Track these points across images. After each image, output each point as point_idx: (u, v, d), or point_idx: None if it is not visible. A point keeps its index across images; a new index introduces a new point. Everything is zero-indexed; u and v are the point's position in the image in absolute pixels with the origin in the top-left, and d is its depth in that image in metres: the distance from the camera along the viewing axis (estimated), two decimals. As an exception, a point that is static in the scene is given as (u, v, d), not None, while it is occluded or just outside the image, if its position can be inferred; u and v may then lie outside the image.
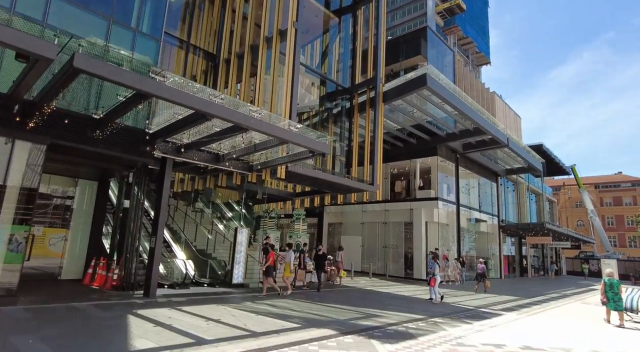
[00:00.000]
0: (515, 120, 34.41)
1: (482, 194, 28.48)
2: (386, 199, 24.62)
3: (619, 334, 8.57)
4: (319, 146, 10.40)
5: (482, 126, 20.15)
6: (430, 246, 22.30)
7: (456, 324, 8.59)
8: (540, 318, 10.33)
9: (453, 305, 11.99)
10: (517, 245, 33.83)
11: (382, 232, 24.52)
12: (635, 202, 67.04)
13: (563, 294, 18.35)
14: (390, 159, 24.84)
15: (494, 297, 15.13)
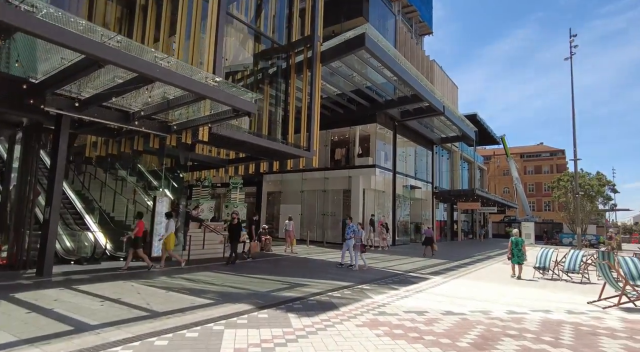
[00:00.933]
0: (453, 90, 35.27)
1: (418, 162, 29.15)
2: (326, 166, 24.25)
3: (527, 289, 8.92)
4: (243, 104, 9.36)
5: (420, 93, 20.07)
6: (367, 213, 22.48)
7: (383, 290, 8.38)
8: (465, 280, 10.55)
9: (383, 270, 11.96)
10: (449, 210, 35.63)
11: (322, 200, 24.26)
12: (552, 171, 73.70)
13: (488, 256, 19.45)
14: (331, 125, 24.26)
15: (424, 261, 15.52)
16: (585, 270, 11.29)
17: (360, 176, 22.39)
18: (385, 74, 18.93)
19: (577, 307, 7.28)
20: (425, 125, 28.07)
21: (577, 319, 6.32)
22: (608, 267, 7.42)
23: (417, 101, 21.38)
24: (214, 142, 12.77)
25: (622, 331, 5.71)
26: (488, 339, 5.04)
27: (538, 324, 5.91)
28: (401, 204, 26.97)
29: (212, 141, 12.26)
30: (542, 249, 11.96)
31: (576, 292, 8.96)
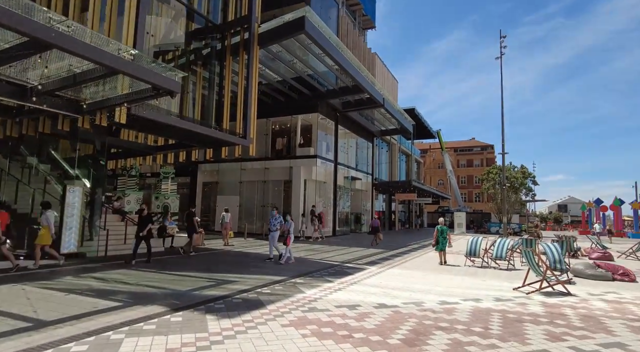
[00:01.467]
0: (393, 84, 35.97)
1: (359, 153, 29.38)
2: (266, 156, 23.45)
3: (459, 277, 9.07)
4: (164, 82, 8.35)
5: (361, 84, 19.98)
6: (309, 204, 22.13)
7: (316, 283, 7.97)
8: (400, 270, 10.51)
9: (320, 262, 11.61)
10: (387, 201, 36.55)
11: (261, 191, 23.47)
12: (483, 164, 78.94)
13: (422, 245, 20.03)
14: (272, 113, 23.47)
15: (362, 250, 15.48)
16: (511, 257, 11.83)
17: (302, 166, 21.92)
18: (327, 63, 18.53)
19: (504, 294, 7.42)
20: (366, 117, 28.26)
21: (504, 307, 6.36)
22: (532, 254, 7.65)
23: (358, 92, 21.29)
24: (134, 125, 11.51)
25: (544, 316, 5.80)
26: (420, 334, 4.78)
27: (469, 314, 5.83)
28: (342, 195, 27.02)
29: (132, 124, 11.02)
30: (473, 238, 12.35)
31: (503, 279, 9.24)
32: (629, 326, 5.41)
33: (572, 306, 6.56)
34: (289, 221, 11.07)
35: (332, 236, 23.53)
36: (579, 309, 6.36)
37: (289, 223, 11.02)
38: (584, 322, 5.55)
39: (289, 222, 11.04)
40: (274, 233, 11.30)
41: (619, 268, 9.78)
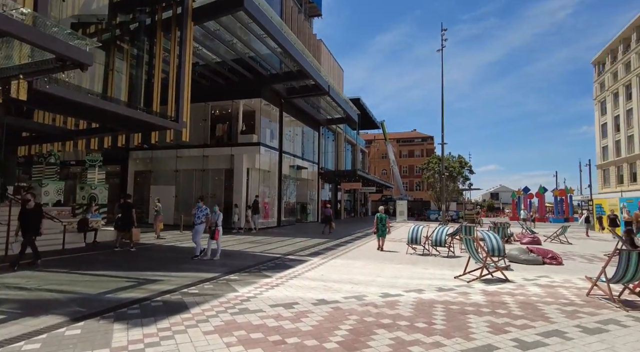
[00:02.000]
0: (339, 73, 35.73)
1: (305, 142, 28.83)
2: (205, 143, 22.06)
3: (401, 266, 8.92)
4: (72, 51, 7.07)
5: (305, 69, 19.31)
6: (252, 194, 21.23)
7: (253, 279, 7.31)
8: (343, 260, 10.16)
9: (261, 255, 10.95)
10: (333, 190, 36.55)
11: (200, 180, 22.11)
12: (423, 154, 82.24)
13: (366, 233, 20.06)
14: (211, 97, 22.06)
15: (306, 240, 15.04)
16: (451, 243, 11.99)
17: (244, 154, 20.91)
18: (269, 45, 17.60)
19: (446, 283, 7.29)
20: (312, 105, 27.72)
21: (447, 297, 6.17)
22: (472, 241, 7.60)
23: (303, 78, 20.63)
24: (42, 104, 9.94)
25: (486, 306, 5.67)
26: (360, 334, 4.34)
27: (412, 307, 5.52)
28: (288, 185, 26.39)
29: (38, 102, 9.47)
30: (414, 226, 12.34)
31: (444, 267, 9.23)
32: (563, 311, 5.42)
33: (511, 293, 6.54)
34: (217, 212, 10.10)
35: (277, 226, 22.89)
36: (517, 295, 6.35)
37: (216, 215, 10.06)
38: (523, 309, 5.48)
39: (217, 213, 10.08)
40: (198, 226, 10.18)
41: (548, 252, 10.22)
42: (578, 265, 9.87)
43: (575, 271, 8.93)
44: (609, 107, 55.28)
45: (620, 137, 52.24)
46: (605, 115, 56.67)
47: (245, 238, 15.75)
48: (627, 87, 50.52)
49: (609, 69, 55.72)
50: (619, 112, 52.19)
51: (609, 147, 55.17)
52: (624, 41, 52.01)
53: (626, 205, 22.15)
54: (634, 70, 48.40)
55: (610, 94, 54.91)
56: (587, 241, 17.46)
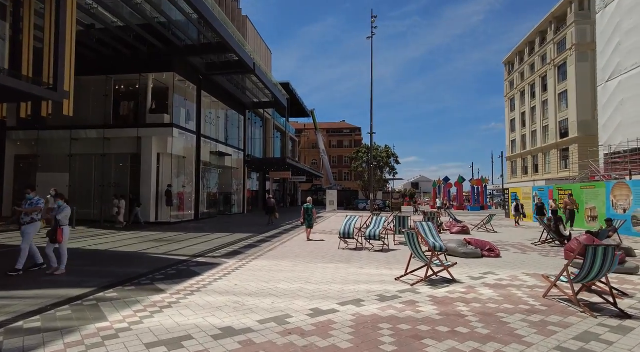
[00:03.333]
0: (267, 54, 33.53)
1: (229, 127, 26.41)
2: (106, 124, 18.73)
3: (333, 266, 7.60)
4: None
5: (227, 41, 17.04)
6: (163, 183, 18.54)
7: (137, 297, 5.36)
8: (265, 261, 8.53)
9: (163, 257, 8.86)
10: (261, 180, 34.54)
11: (100, 167, 18.77)
12: (352, 145, 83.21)
13: (295, 225, 18.62)
14: (114, 69, 18.73)
15: (226, 236, 13.12)
16: (385, 235, 10.96)
17: (154, 137, 18.10)
18: (184, 9, 15.06)
19: (387, 288, 6.03)
20: (237, 85, 25.32)
21: (393, 310, 4.87)
22: (416, 237, 6.43)
23: (224, 51, 18.32)
24: None
25: (441, 322, 4.46)
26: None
27: (351, 331, 4.09)
28: (209, 173, 23.88)
29: None
30: (347, 220, 11.08)
31: (382, 265, 8.05)
32: (531, 324, 4.40)
33: (463, 299, 5.47)
34: (63, 206, 7.11)
35: (194, 220, 20.43)
36: (472, 302, 5.28)
37: (61, 208, 7.07)
38: (487, 324, 4.36)
39: (63, 207, 7.10)
40: (28, 226, 6.95)
41: (485, 244, 9.62)
42: (514, 257, 9.39)
43: (515, 264, 8.33)
44: (517, 104, 60.32)
45: (525, 132, 57.32)
46: (514, 112, 61.79)
47: (150, 235, 13.32)
48: (531, 86, 55.36)
49: (517, 69, 60.68)
50: (525, 109, 57.15)
51: (517, 141, 60.38)
52: (529, 44, 56.84)
53: (538, 193, 23.56)
54: (537, 72, 53.09)
55: (518, 92, 59.90)
56: (511, 229, 17.93)
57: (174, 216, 18.86)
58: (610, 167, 23.16)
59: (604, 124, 24.64)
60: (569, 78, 45.17)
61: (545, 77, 50.95)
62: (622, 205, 15.66)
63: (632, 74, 22.03)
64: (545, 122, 51.01)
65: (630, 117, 22.09)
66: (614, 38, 23.60)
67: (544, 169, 51.57)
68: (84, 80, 18.89)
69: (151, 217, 17.91)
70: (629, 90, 22.20)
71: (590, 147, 32.68)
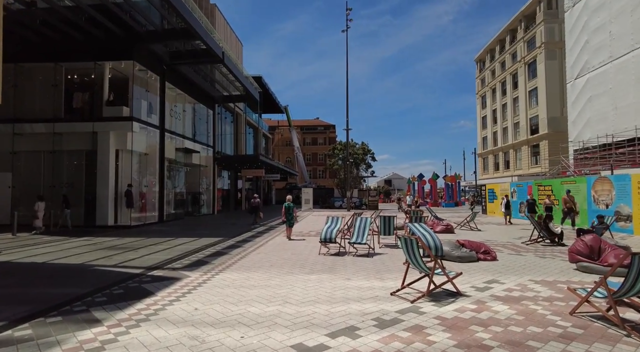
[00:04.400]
0: (237, 46, 31.87)
1: (197, 122, 24.75)
2: (57, 117, 16.81)
3: (317, 277, 6.52)
4: None
5: (193, 26, 15.53)
6: (123, 183, 16.84)
7: (61, 334, 4.05)
8: (234, 273, 7.31)
9: (110, 271, 7.46)
10: (232, 178, 32.92)
11: (50, 165, 16.84)
12: (326, 143, 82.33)
13: (270, 226, 17.38)
14: (65, 56, 16.80)
15: (191, 241, 11.74)
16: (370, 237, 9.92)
17: (112, 131, 16.39)
18: (142, -12, 13.49)
19: (384, 307, 4.96)
20: (205, 77, 23.69)
21: (398, 343, 3.81)
22: (416, 244, 5.39)
23: (189, 38, 16.79)
24: None
25: (462, 356, 3.43)
26: None
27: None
28: (175, 171, 22.20)
29: None
30: (328, 225, 9.94)
31: (371, 274, 7.00)
32: (573, 355, 3.45)
33: (478, 320, 4.48)
34: None
35: (158, 222, 18.78)
36: (489, 324, 4.30)
37: None
38: (522, 361, 3.36)
39: None
40: None
41: (480, 246, 8.78)
42: (510, 259, 8.60)
43: (516, 269, 7.50)
44: (488, 102, 61.16)
45: (497, 128, 58.16)
46: (485, 109, 62.65)
47: (104, 242, 11.75)
48: (502, 83, 56.17)
49: (489, 66, 61.49)
50: (497, 106, 57.96)
51: (488, 138, 61.25)
52: (500, 42, 57.67)
53: (516, 189, 23.33)
54: (508, 69, 53.87)
55: (489, 90, 60.73)
56: (495, 227, 17.40)
57: (135, 219, 17.20)
58: (580, 162, 23.30)
59: (573, 120, 24.85)
60: (539, 75, 45.96)
61: (516, 75, 51.74)
62: (604, 200, 15.39)
63: (600, 72, 22.25)
64: (516, 119, 51.83)
65: (598, 114, 22.31)
66: (582, 36, 23.79)
67: (515, 165, 52.43)
68: (28, 67, 16.94)
69: (109, 220, 16.19)
70: (597, 88, 22.43)
71: (559, 143, 33.19)
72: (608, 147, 20.66)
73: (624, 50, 20.53)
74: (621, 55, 20.70)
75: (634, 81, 19.97)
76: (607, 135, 20.69)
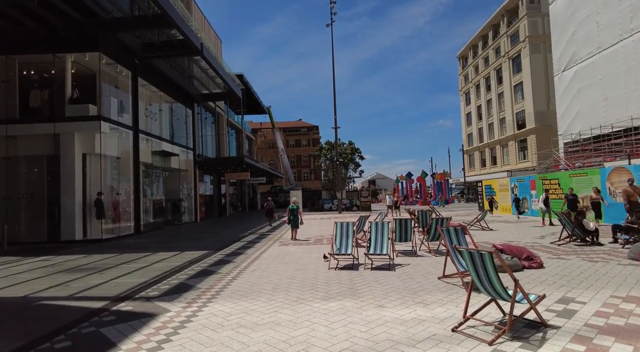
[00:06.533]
0: (216, 43, 30.00)
1: (176, 122, 22.79)
2: (10, 118, 14.69)
3: (337, 305, 4.96)
4: None
5: (168, 12, 13.72)
6: (92, 190, 14.85)
7: None
8: (228, 303, 5.66)
9: (63, 305, 5.67)
10: (215, 183, 30.93)
11: (4, 173, 14.69)
12: (309, 144, 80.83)
13: (260, 234, 15.66)
14: (18, 48, 14.71)
15: (173, 256, 9.96)
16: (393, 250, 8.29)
17: (77, 133, 14.42)
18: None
19: (456, 356, 3.41)
20: (183, 73, 21.78)
21: None
22: (491, 259, 3.83)
23: (164, 26, 14.95)
24: None
25: None
26: None
27: None
28: (153, 177, 20.21)
29: None
30: (340, 232, 8.25)
31: (407, 296, 5.44)
32: None
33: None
34: None
35: (134, 234, 16.78)
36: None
37: None
38: None
39: None
40: None
41: (522, 251, 7.35)
42: (557, 265, 7.21)
43: (575, 279, 6.10)
44: (472, 98, 60.81)
45: (482, 124, 57.80)
46: (469, 105, 62.31)
47: (66, 261, 9.83)
48: (486, 79, 55.84)
49: (472, 63, 61.17)
50: (481, 102, 57.61)
51: (473, 134, 60.87)
52: (483, 38, 57.39)
53: (517, 184, 22.27)
54: (492, 64, 53.52)
55: (473, 86, 60.38)
56: (504, 225, 16.20)
57: (108, 231, 15.23)
58: (572, 155, 22.56)
59: (562, 113, 24.23)
60: (524, 70, 45.61)
61: (500, 70, 51.40)
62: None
63: (588, 63, 21.69)
64: (502, 114, 51.44)
65: (588, 105, 21.71)
66: (569, 28, 23.20)
67: (503, 161, 52.03)
68: (-25, 62, 14.74)
69: (77, 234, 14.19)
70: (585, 79, 21.87)
71: (546, 137, 32.60)
72: (603, 138, 19.90)
73: (612, 40, 19.91)
74: (610, 45, 20.10)
75: (624, 71, 19.30)
76: (601, 127, 19.93)
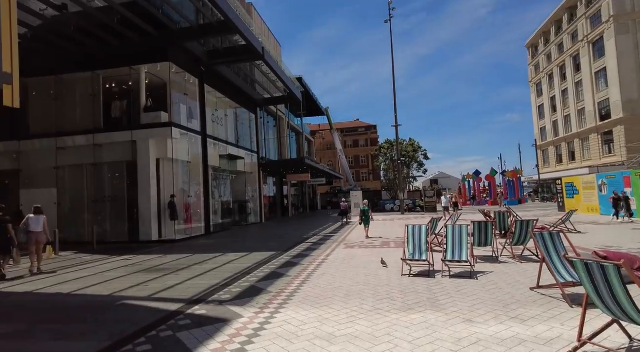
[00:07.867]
0: (276, 47, 30.64)
1: (240, 127, 23.51)
2: (96, 128, 16.02)
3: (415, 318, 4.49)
4: None
5: (231, 18, 14.10)
6: (166, 193, 15.71)
7: None
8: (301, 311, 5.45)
9: (139, 306, 5.83)
10: (278, 184, 31.55)
11: (92, 178, 16.07)
12: (367, 144, 79.86)
13: (324, 235, 15.50)
14: (102, 64, 16.01)
15: (242, 257, 10.09)
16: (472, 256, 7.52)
17: (151, 139, 15.33)
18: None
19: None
20: (245, 79, 22.42)
21: None
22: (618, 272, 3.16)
23: (227, 33, 15.41)
24: None
25: None
26: None
27: None
28: (221, 179, 21.01)
29: None
30: (412, 230, 7.67)
31: (499, 311, 4.81)
32: None
33: None
34: None
35: (205, 234, 17.50)
36: None
37: None
38: None
39: None
40: None
41: (634, 259, 6.28)
42: (682, 277, 6.03)
43: None
44: (544, 89, 55.96)
45: (557, 117, 52.95)
46: (541, 97, 57.45)
47: (144, 261, 10.37)
48: (561, 68, 51.03)
49: (543, 51, 56.32)
50: (555, 93, 52.80)
51: (547, 128, 55.97)
52: (556, 23, 52.52)
53: (606, 182, 19.86)
54: (567, 51, 48.76)
55: (545, 76, 55.55)
56: (593, 227, 14.44)
57: (180, 232, 16.01)
58: None
59: None
60: (608, 54, 40.86)
61: (578, 56, 46.64)
62: None
63: None
64: (581, 104, 46.63)
65: None
66: None
67: (582, 156, 47.14)
68: (67, 79, 16.32)
69: (153, 235, 15.09)
70: None
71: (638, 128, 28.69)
72: None
73: None
74: None
75: None
76: None
